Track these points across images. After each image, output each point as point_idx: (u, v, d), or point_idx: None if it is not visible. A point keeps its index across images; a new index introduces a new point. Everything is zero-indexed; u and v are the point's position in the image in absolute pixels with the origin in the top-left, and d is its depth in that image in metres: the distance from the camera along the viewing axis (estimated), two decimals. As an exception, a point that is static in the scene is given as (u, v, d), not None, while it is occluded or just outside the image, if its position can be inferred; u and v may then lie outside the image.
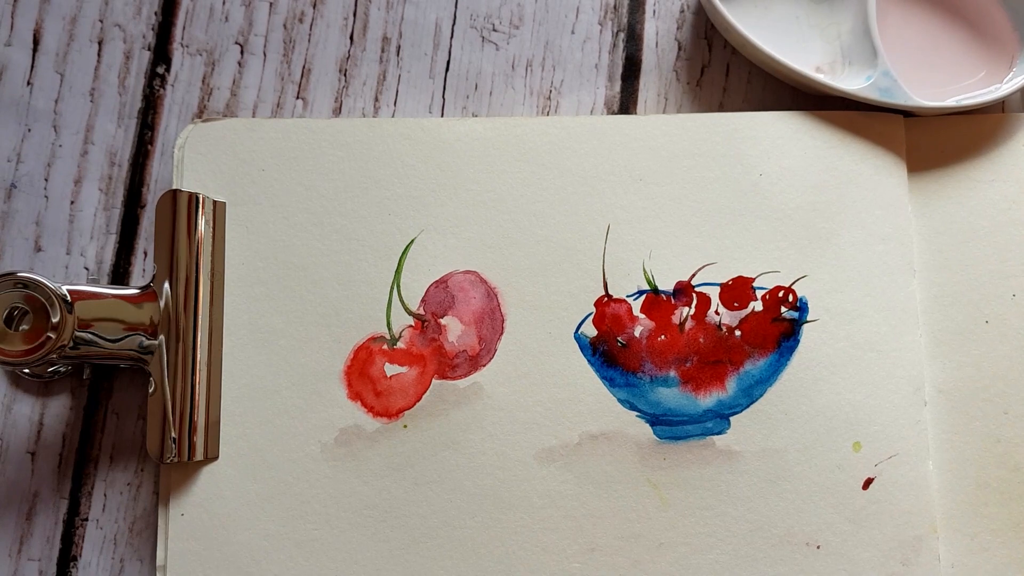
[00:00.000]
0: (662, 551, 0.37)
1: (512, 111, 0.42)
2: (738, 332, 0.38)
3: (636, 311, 0.38)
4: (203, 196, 0.38)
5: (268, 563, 0.37)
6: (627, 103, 0.42)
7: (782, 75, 0.40)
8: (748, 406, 0.38)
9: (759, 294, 0.38)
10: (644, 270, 0.39)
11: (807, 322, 0.38)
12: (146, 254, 0.40)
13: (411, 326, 0.38)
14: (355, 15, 0.42)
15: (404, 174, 0.39)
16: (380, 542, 0.37)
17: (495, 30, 0.42)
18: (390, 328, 0.38)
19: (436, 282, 0.39)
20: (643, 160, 0.39)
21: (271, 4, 0.42)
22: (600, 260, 0.39)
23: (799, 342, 0.38)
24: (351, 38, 0.42)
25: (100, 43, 0.42)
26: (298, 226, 0.39)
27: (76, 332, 0.35)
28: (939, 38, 0.41)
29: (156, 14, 0.42)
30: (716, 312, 0.38)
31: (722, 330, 0.38)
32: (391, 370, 0.38)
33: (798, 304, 0.38)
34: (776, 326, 0.38)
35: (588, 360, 0.38)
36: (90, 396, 0.39)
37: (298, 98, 0.41)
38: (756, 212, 0.39)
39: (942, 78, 0.41)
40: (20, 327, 0.34)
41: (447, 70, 0.42)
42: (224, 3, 0.42)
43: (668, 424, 0.37)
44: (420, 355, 0.38)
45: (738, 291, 0.38)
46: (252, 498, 0.37)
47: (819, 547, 0.37)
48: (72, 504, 0.38)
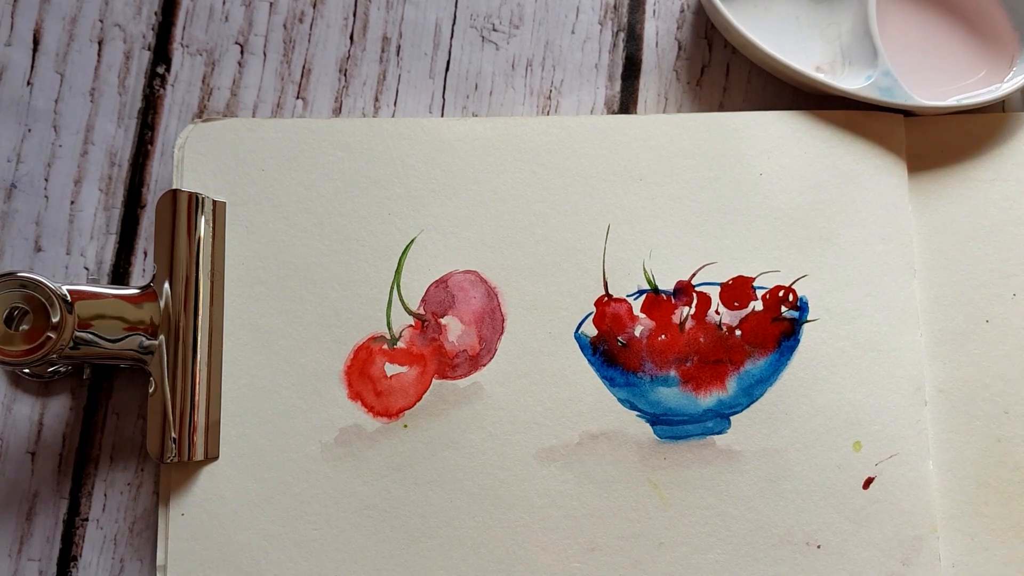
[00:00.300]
0: (662, 551, 0.37)
1: (512, 111, 0.41)
2: (738, 332, 0.38)
3: (636, 311, 0.38)
4: (203, 196, 0.38)
5: (268, 563, 0.36)
6: (627, 103, 0.42)
7: (782, 75, 0.40)
8: (748, 406, 0.38)
9: (759, 294, 0.38)
10: (644, 270, 0.39)
11: (807, 322, 0.38)
12: (146, 254, 0.40)
13: (411, 326, 0.38)
14: (355, 15, 0.42)
15: (404, 174, 0.39)
16: (380, 542, 0.37)
17: (495, 30, 0.42)
18: (390, 328, 0.38)
19: (436, 282, 0.39)
20: (643, 160, 0.39)
21: (271, 4, 0.42)
22: (600, 260, 0.39)
23: (799, 342, 0.38)
24: (351, 38, 0.42)
25: (100, 43, 0.42)
26: (298, 226, 0.39)
27: (76, 332, 0.35)
28: (939, 38, 0.41)
29: (156, 14, 0.42)
30: (716, 312, 0.38)
31: (722, 330, 0.38)
32: (391, 370, 0.38)
33: (798, 304, 0.38)
34: (776, 326, 0.38)
35: (588, 360, 0.38)
36: (90, 396, 0.39)
37: (298, 98, 0.41)
38: (756, 212, 0.39)
39: (942, 78, 0.41)
40: (20, 327, 0.34)
41: (447, 70, 0.42)
42: (224, 3, 0.42)
43: (668, 424, 0.37)
44: (420, 355, 0.38)
45: (738, 291, 0.38)
46: (252, 498, 0.37)
47: (819, 547, 0.37)
48: (72, 504, 0.38)
